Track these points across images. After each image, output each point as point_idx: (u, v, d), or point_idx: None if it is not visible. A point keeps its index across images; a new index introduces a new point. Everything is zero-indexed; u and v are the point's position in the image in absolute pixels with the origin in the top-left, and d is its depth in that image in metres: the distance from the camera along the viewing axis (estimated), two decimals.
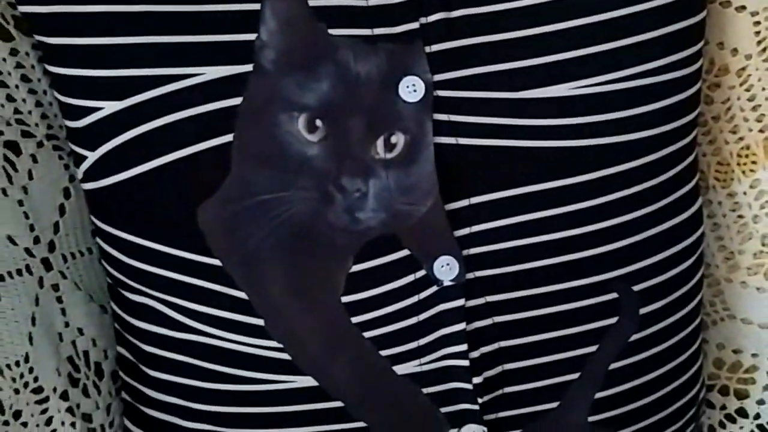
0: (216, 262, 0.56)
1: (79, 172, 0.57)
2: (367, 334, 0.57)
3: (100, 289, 0.63)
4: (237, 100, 0.54)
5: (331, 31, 0.55)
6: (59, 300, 0.59)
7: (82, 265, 0.62)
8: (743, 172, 0.66)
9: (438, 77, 0.55)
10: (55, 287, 0.59)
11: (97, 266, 0.62)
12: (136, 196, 0.56)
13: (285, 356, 0.57)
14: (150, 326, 0.59)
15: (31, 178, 0.58)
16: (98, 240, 0.60)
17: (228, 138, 0.54)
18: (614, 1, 0.57)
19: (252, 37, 0.54)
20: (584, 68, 0.56)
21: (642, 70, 0.57)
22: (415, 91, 0.55)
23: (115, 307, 0.62)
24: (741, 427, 0.71)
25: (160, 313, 0.59)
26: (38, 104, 0.58)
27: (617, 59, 0.57)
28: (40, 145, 0.58)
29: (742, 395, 0.71)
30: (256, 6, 0.54)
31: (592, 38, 0.56)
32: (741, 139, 0.65)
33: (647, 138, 0.59)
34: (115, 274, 0.60)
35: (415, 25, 0.56)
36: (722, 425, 0.72)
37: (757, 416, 0.70)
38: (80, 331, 0.61)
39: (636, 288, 0.61)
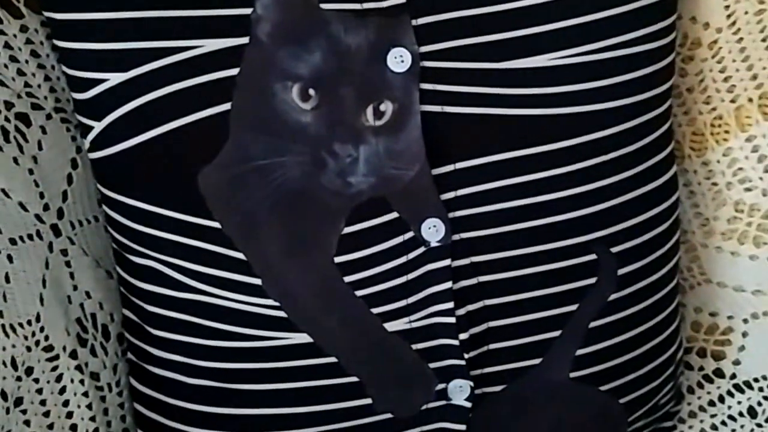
0: (216, 224, 0.59)
1: (86, 142, 0.60)
2: (359, 293, 0.61)
3: (106, 256, 0.66)
4: (234, 71, 0.57)
5: (323, 6, 0.58)
6: (68, 264, 0.63)
7: (89, 232, 0.65)
8: (717, 141, 0.69)
9: (424, 49, 0.59)
10: (64, 252, 0.63)
11: (103, 234, 0.66)
12: (139, 163, 0.59)
13: (281, 314, 0.61)
14: (153, 287, 0.63)
15: (40, 148, 0.61)
16: (104, 207, 0.63)
17: (226, 106, 0.57)
18: None
19: (248, 11, 0.57)
20: (562, 40, 0.60)
21: (616, 42, 0.61)
22: (402, 61, 0.59)
23: (120, 271, 0.65)
24: (718, 387, 0.75)
25: (162, 274, 0.62)
26: (47, 78, 0.62)
27: (593, 32, 0.60)
28: (48, 117, 0.62)
29: (718, 356, 0.75)
30: None
31: (570, 12, 0.60)
32: (714, 109, 0.68)
33: (623, 107, 0.62)
34: (120, 238, 0.63)
35: None
36: (700, 386, 0.76)
37: (733, 376, 0.74)
38: (88, 294, 0.64)
39: (614, 250, 0.64)
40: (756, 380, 0.73)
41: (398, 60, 0.59)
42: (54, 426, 0.61)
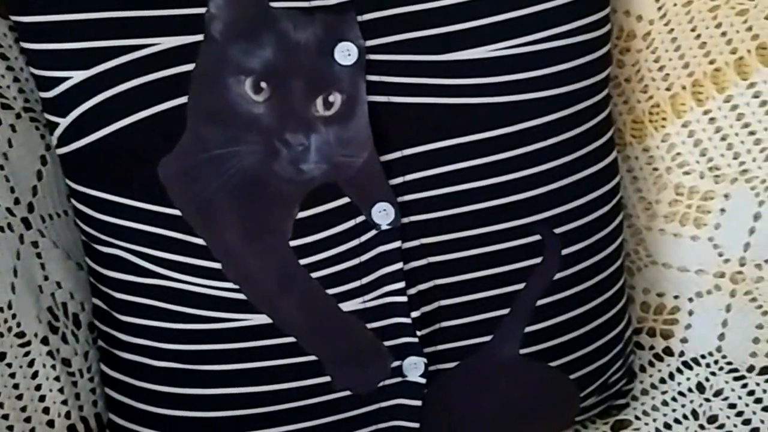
0: (176, 212, 0.63)
1: (54, 139, 0.64)
2: (314, 275, 0.64)
3: (76, 249, 0.70)
4: (190, 66, 0.61)
5: (272, 4, 0.61)
6: (39, 256, 0.66)
7: (59, 226, 0.69)
8: (655, 128, 0.73)
9: (370, 42, 0.62)
10: (35, 244, 0.66)
11: (73, 227, 0.69)
12: (103, 156, 0.62)
13: (241, 296, 0.64)
14: (119, 275, 0.66)
15: (10, 145, 0.65)
16: (72, 200, 0.67)
17: (183, 100, 0.61)
18: None
19: (202, 10, 0.61)
20: (500, 32, 0.64)
21: (552, 33, 0.65)
22: (349, 55, 0.62)
23: (89, 261, 0.68)
24: (668, 365, 0.78)
25: (127, 261, 0.65)
26: (16, 80, 0.65)
27: (531, 23, 0.64)
28: (18, 116, 0.65)
29: (667, 335, 0.78)
30: None
31: (507, 5, 0.64)
32: (651, 98, 0.72)
33: (561, 95, 0.66)
34: (88, 230, 0.66)
35: None
36: (651, 364, 0.79)
37: (681, 354, 0.77)
38: (59, 284, 0.68)
39: (558, 231, 0.68)
40: (703, 356, 0.76)
41: (345, 54, 0.62)
42: (27, 408, 0.64)
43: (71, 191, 0.66)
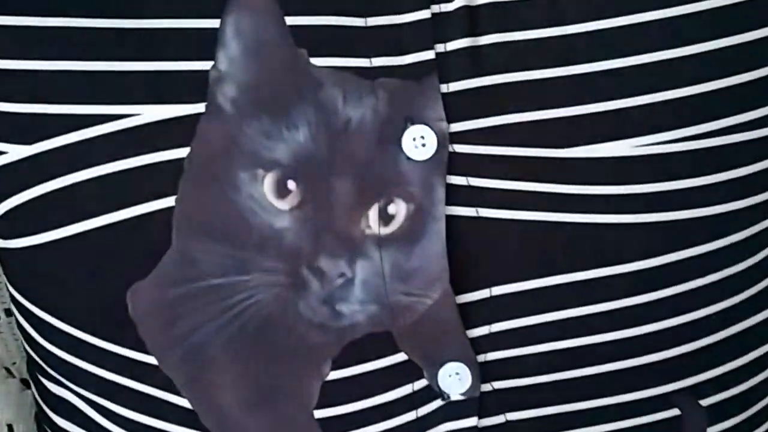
0: (151, 359, 0.43)
1: None
2: None
3: (21, 360, 0.51)
4: (182, 152, 0.41)
5: (314, 61, 0.41)
6: None
7: None
8: None
9: (456, 127, 0.42)
10: None
11: (17, 332, 0.50)
12: (50, 268, 0.43)
13: None
14: (68, 425, 0.47)
15: None
16: (14, 309, 0.48)
17: (169, 202, 0.41)
18: (704, 30, 0.43)
19: (206, 66, 0.41)
20: (657, 119, 0.43)
21: (739, 121, 0.44)
22: (423, 145, 0.42)
23: (34, 391, 0.49)
24: None
25: (80, 412, 0.46)
26: None
27: (704, 107, 0.43)
28: None
29: None
30: (214, 23, 0.41)
31: (669, 81, 0.43)
32: None
33: (736, 212, 0.45)
34: (33, 355, 0.47)
35: (429, 55, 0.42)
36: None
37: None
38: None
39: (704, 402, 0.48)
40: None
41: (418, 143, 0.42)
42: None
43: (11, 297, 0.47)
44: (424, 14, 0.42)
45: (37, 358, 0.47)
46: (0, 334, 0.50)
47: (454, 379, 0.44)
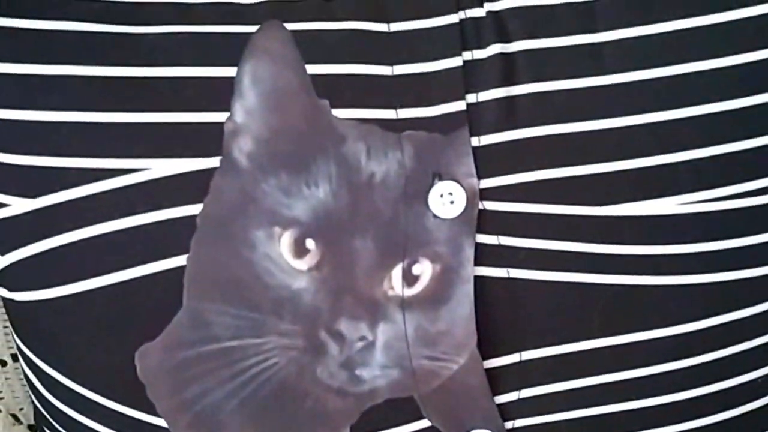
0: (160, 422, 0.41)
1: None
2: None
3: (28, 406, 0.49)
4: (195, 209, 0.38)
5: (336, 112, 0.39)
6: None
7: (3, 378, 0.48)
8: None
9: (487, 183, 0.39)
10: None
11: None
12: (55, 325, 0.40)
13: None
14: None
15: None
16: (21, 361, 0.46)
17: (180, 261, 0.38)
18: (753, 83, 0.40)
19: (221, 117, 0.38)
20: (705, 175, 0.40)
21: None
22: (452, 202, 0.39)
23: None
24: None
25: None
26: None
27: (754, 162, 0.40)
28: None
29: None
30: (230, 71, 0.39)
31: (720, 134, 0.40)
32: None
33: None
34: (40, 408, 0.45)
35: (459, 106, 0.39)
36: None
37: None
38: None
39: None
40: None
41: (446, 200, 0.39)
42: None
43: (18, 349, 0.45)
44: (455, 62, 0.39)
45: (45, 412, 0.45)
46: (7, 379, 0.48)
47: None
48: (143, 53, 0.39)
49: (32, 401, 0.47)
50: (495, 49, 0.40)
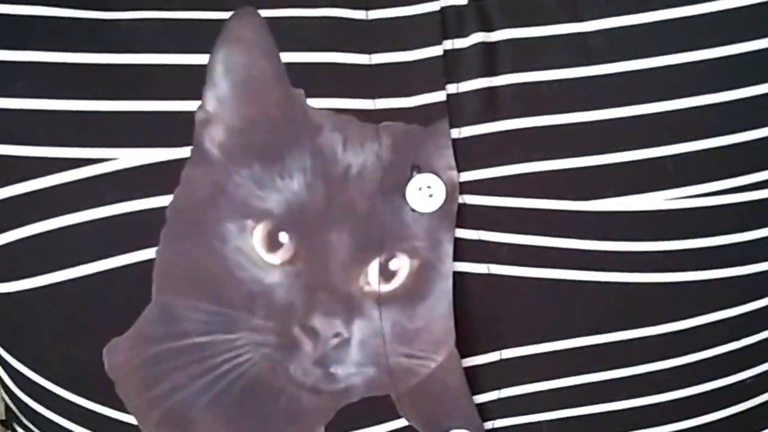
0: (129, 419, 0.39)
1: None
2: None
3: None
4: (164, 200, 0.37)
5: (312, 102, 0.37)
6: None
7: None
8: None
9: (467, 176, 0.38)
10: None
11: None
12: (21, 319, 0.39)
13: None
14: None
15: None
16: None
17: (149, 254, 0.37)
18: (746, 75, 0.39)
19: (192, 106, 0.37)
20: (694, 169, 0.39)
21: None
22: (430, 195, 0.38)
23: None
24: None
25: None
26: None
27: (745, 157, 0.39)
28: None
29: None
30: (202, 58, 0.38)
31: (711, 127, 0.39)
32: None
33: None
34: (10, 404, 0.44)
35: (439, 96, 0.38)
36: None
37: None
38: None
39: None
40: None
41: (424, 193, 0.38)
42: None
43: None
44: (435, 51, 0.38)
45: (17, 411, 0.44)
46: None
47: None
48: (114, 40, 0.38)
49: (2, 397, 0.46)
50: (477, 38, 0.38)
